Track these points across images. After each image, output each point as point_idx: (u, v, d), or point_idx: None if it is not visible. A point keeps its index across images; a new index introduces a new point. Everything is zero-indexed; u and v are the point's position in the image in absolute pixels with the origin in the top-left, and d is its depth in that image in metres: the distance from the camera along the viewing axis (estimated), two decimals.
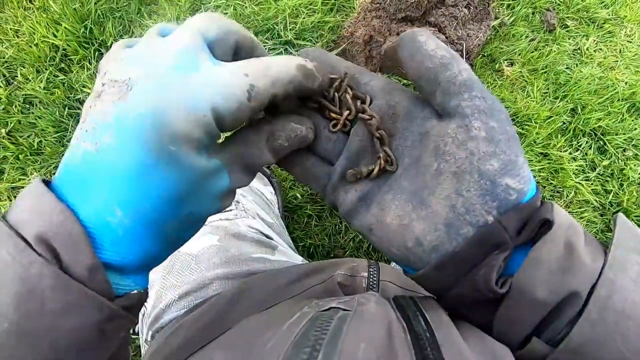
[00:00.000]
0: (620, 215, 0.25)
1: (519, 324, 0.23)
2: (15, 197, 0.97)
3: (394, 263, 0.88)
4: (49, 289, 0.19)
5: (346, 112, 0.28)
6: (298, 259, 0.63)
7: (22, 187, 0.97)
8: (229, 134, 0.26)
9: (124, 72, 0.21)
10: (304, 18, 1.08)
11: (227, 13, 1.07)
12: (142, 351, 0.56)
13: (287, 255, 0.61)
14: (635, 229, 0.24)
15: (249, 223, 0.61)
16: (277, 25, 1.08)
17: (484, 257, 0.23)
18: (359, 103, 0.28)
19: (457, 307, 0.27)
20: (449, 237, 0.24)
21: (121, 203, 0.20)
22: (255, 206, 0.69)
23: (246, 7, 1.08)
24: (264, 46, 1.08)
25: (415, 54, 0.25)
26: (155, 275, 0.53)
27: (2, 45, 1.06)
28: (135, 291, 0.23)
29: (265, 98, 0.23)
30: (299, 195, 0.94)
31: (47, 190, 0.21)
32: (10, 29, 1.08)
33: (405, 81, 1.03)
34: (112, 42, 1.05)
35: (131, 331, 0.39)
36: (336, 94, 0.28)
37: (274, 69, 0.23)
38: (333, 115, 0.28)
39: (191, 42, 0.22)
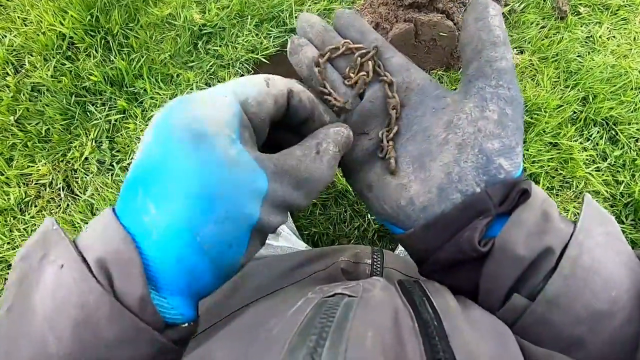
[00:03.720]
0: (587, 195, 0.28)
1: (501, 279, 0.25)
2: (24, 184, 0.98)
3: (398, 250, 0.88)
4: (104, 319, 0.19)
5: (362, 74, 0.31)
6: (302, 245, 0.63)
7: (31, 174, 0.98)
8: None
9: None
10: (309, 6, 1.07)
11: (232, 0, 1.06)
12: None
13: (290, 241, 0.61)
14: (600, 207, 0.27)
15: None
16: (282, 13, 1.07)
17: (468, 221, 0.25)
18: (373, 70, 0.31)
19: (441, 271, 0.28)
20: (439, 200, 0.26)
21: (154, 198, 0.20)
22: None
23: None
24: (269, 34, 1.07)
25: (480, 21, 0.28)
26: None
27: (11, 34, 1.07)
28: (186, 324, 0.23)
29: (282, 88, 0.25)
30: None
31: (114, 219, 0.21)
32: (18, 17, 1.08)
33: None
34: (118, 30, 1.05)
35: None
36: (359, 59, 0.31)
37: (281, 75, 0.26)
38: (351, 74, 0.31)
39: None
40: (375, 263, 0.49)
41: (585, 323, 0.23)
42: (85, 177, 0.98)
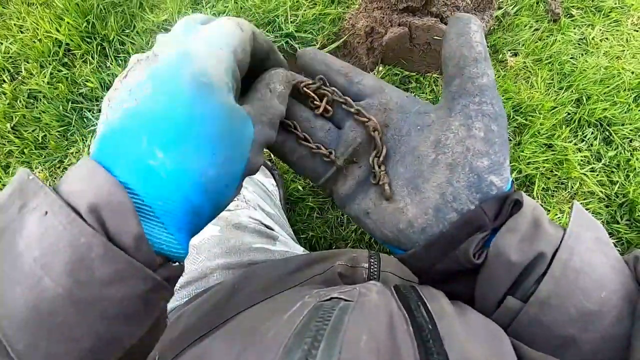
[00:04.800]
0: (576, 202, 0.29)
1: (496, 285, 0.26)
2: None
3: None
4: (98, 259, 0.19)
5: (325, 99, 0.31)
6: (299, 250, 0.63)
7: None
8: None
9: (149, 52, 0.24)
10: (305, 10, 1.08)
11: (227, 6, 1.07)
12: None
13: (288, 245, 0.62)
14: (588, 214, 0.28)
15: (250, 214, 0.62)
16: (278, 18, 1.07)
17: (467, 237, 0.26)
18: (350, 104, 0.31)
19: (439, 281, 0.29)
20: (436, 220, 0.27)
21: (162, 144, 0.22)
22: (256, 197, 0.69)
23: (247, 0, 1.07)
24: None
25: (462, 36, 0.28)
26: None
27: (7, 41, 1.07)
28: (177, 263, 0.24)
29: (249, 30, 0.27)
30: (300, 188, 0.95)
31: (98, 165, 0.21)
32: (15, 24, 1.08)
33: (406, 72, 1.02)
34: (114, 37, 1.05)
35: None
36: (314, 93, 0.32)
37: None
38: (316, 103, 0.32)
39: (189, 17, 0.26)
40: (372, 267, 0.50)
41: (577, 323, 0.24)
42: None
